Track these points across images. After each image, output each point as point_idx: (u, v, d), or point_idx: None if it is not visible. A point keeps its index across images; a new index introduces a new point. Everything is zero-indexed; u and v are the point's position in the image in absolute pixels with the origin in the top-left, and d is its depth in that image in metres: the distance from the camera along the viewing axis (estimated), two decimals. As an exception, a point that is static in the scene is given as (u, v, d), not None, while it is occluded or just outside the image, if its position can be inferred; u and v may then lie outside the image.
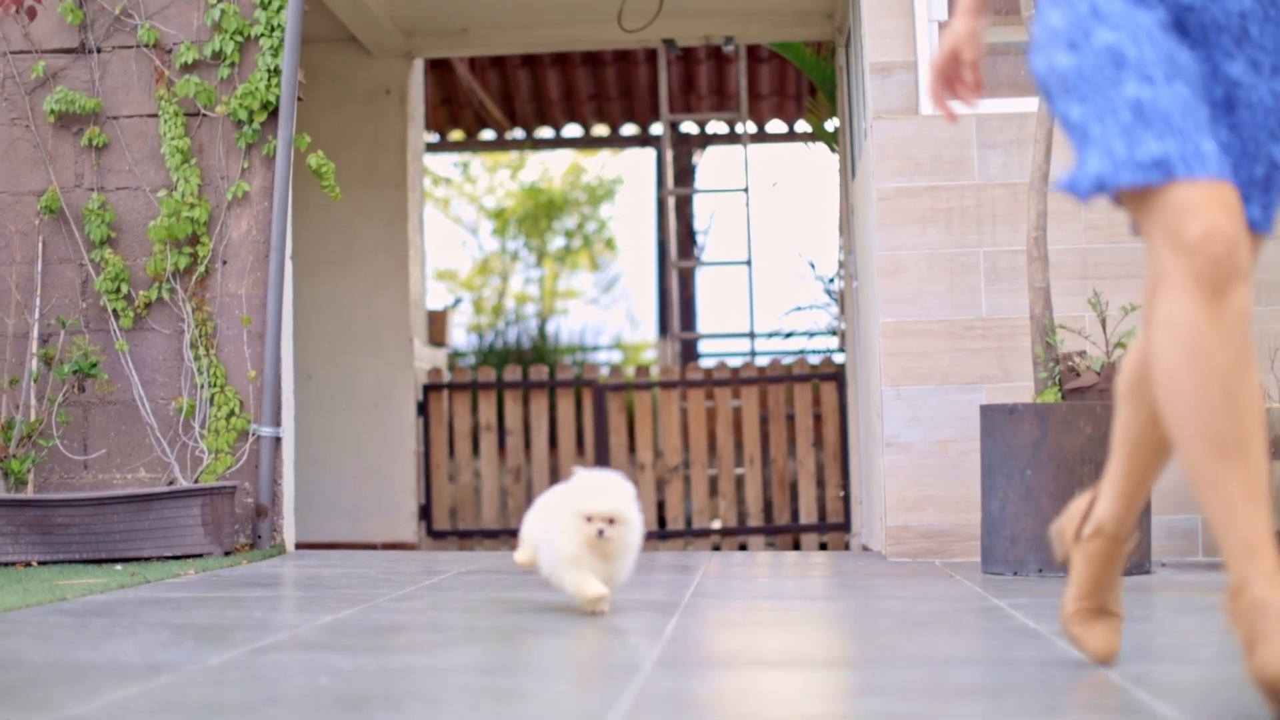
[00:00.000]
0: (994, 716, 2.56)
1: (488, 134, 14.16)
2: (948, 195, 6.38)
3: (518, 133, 14.23)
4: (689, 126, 13.56)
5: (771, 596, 4.99)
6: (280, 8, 6.82)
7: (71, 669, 3.14)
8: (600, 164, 17.70)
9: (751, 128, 13.20)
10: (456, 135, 14.21)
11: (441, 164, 17.07)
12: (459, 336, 14.84)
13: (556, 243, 17.48)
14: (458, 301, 16.41)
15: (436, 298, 15.43)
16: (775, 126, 13.74)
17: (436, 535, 10.16)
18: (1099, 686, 2.86)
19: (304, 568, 5.91)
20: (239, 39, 6.86)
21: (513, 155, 16.92)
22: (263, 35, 6.84)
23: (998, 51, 6.80)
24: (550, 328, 15.64)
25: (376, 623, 3.99)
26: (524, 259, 17.23)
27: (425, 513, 10.14)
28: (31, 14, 5.91)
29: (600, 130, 14.28)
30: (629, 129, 14.21)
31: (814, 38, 9.96)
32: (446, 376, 10.56)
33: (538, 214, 17.13)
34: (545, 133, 14.23)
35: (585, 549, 3.98)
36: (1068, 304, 6.12)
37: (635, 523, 4.04)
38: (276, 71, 6.80)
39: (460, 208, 17.56)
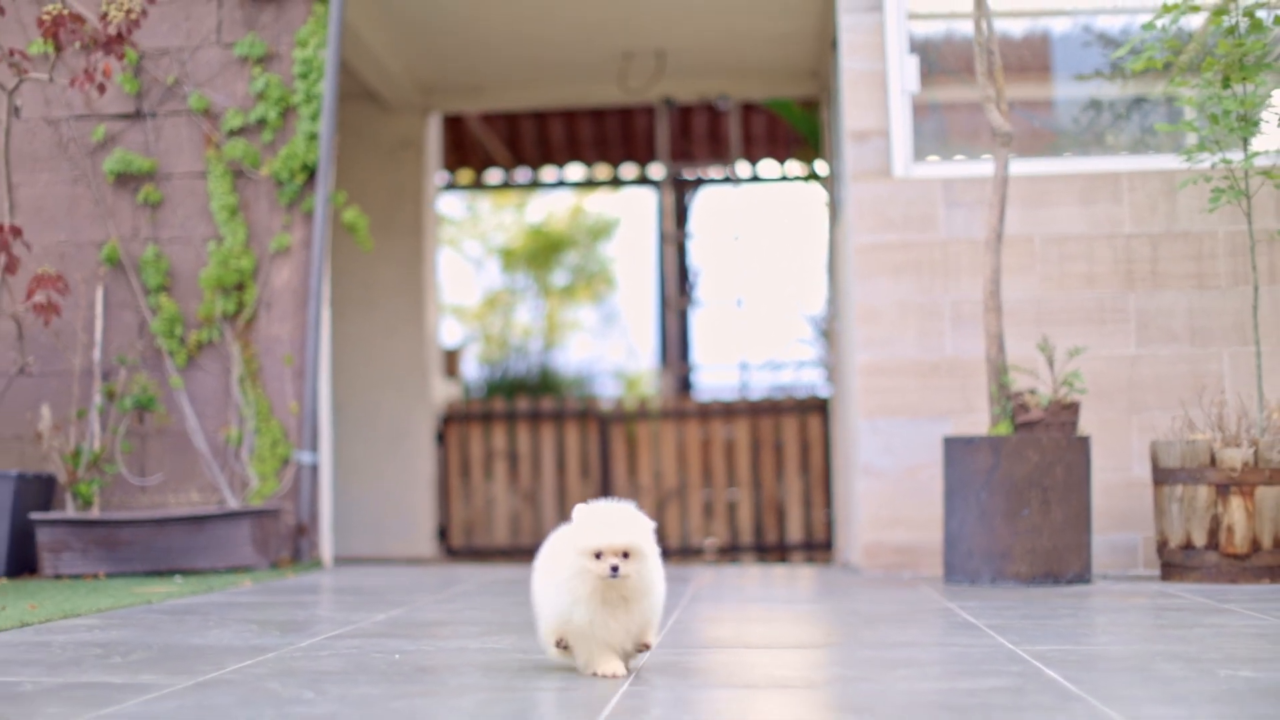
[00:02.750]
0: (917, 679, 3.33)
1: (494, 174, 14.92)
2: (917, 249, 7.13)
3: (523, 172, 14.99)
4: (686, 172, 14.29)
5: (758, 600, 5.74)
6: (318, 79, 7.57)
7: (189, 650, 3.90)
8: (600, 203, 18.49)
9: (745, 170, 13.94)
10: (465, 176, 14.97)
11: (449, 204, 17.85)
12: (469, 367, 15.63)
13: (559, 278, 18.29)
14: (469, 340, 17.21)
15: (447, 330, 16.19)
16: (768, 168, 14.44)
17: (453, 553, 10.95)
18: (1007, 659, 3.62)
19: (345, 578, 6.67)
20: (280, 106, 7.61)
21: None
22: (302, 104, 7.58)
23: (960, 109, 7.56)
24: (554, 359, 16.44)
25: (424, 619, 4.76)
26: (528, 291, 18.03)
27: (443, 532, 10.93)
28: (102, 90, 6.66)
29: (601, 171, 15.03)
30: (628, 169, 14.94)
31: (802, 95, 10.75)
32: (461, 407, 11.34)
33: (541, 252, 17.95)
34: (549, 172, 14.98)
35: (597, 599, 3.23)
36: (1023, 347, 6.87)
37: (654, 558, 3.30)
38: (314, 136, 7.55)
39: (467, 244, 18.37)
